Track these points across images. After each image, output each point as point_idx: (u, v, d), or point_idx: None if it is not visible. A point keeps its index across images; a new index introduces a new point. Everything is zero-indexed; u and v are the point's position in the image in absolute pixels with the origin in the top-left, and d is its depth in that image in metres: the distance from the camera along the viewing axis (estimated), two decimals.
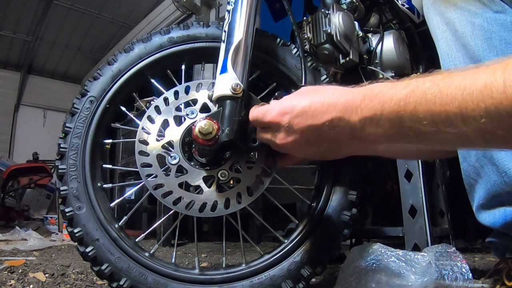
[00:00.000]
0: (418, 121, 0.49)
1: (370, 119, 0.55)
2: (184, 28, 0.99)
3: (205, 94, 0.88)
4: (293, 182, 0.99)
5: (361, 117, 0.56)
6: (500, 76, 0.43)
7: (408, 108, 0.50)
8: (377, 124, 0.54)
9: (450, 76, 0.48)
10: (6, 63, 7.48)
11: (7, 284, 1.09)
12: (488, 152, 0.68)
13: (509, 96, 0.42)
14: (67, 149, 0.91)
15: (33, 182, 5.29)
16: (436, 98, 0.47)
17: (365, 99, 0.56)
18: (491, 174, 0.69)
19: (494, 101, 0.43)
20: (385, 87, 0.55)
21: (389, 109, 0.52)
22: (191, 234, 1.79)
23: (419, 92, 0.49)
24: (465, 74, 0.47)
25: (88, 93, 0.95)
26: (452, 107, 0.46)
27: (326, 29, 1.25)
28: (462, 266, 0.90)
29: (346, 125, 0.58)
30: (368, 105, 0.55)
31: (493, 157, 0.67)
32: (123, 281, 0.84)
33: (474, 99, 0.44)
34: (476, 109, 0.44)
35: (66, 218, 0.88)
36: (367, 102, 0.55)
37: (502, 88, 0.43)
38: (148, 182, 0.85)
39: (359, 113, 0.56)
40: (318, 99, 0.61)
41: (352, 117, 0.57)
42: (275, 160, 0.85)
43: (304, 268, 0.87)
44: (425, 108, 0.48)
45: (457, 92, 0.46)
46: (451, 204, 1.70)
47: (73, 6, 6.26)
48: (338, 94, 0.60)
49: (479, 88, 0.44)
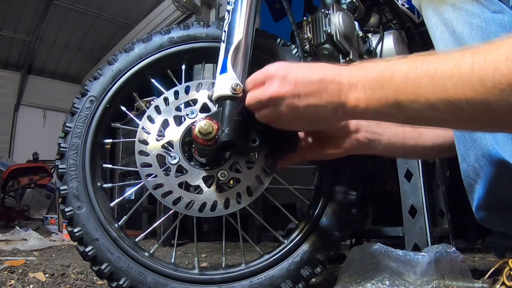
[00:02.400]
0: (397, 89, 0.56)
1: (356, 83, 0.61)
2: (184, 28, 0.99)
3: (205, 94, 0.89)
4: (293, 182, 0.99)
5: (349, 81, 0.62)
6: (469, 58, 0.48)
7: (388, 77, 0.57)
8: (363, 86, 0.60)
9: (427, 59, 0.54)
10: (6, 63, 7.48)
11: (7, 284, 1.09)
12: (487, 153, 0.68)
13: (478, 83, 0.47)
14: (67, 148, 0.91)
15: (33, 182, 5.28)
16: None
17: (353, 68, 0.64)
18: (490, 174, 0.69)
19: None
20: (373, 62, 0.63)
21: (371, 76, 0.59)
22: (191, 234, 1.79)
23: (399, 73, 0.56)
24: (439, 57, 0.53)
25: (88, 93, 0.95)
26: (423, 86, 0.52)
27: (326, 29, 1.25)
28: (462, 266, 0.90)
29: (335, 85, 0.63)
30: (356, 73, 0.62)
31: (492, 157, 0.67)
32: (122, 280, 0.84)
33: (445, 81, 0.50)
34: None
35: (66, 217, 0.88)
36: (355, 71, 0.63)
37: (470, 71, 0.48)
38: (148, 182, 0.85)
39: (348, 77, 0.62)
40: (311, 65, 0.69)
41: (342, 79, 0.63)
42: (275, 160, 0.85)
43: (303, 268, 0.87)
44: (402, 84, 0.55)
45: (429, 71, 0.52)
46: (451, 204, 1.70)
47: (73, 6, 6.26)
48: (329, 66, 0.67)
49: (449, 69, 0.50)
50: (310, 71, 0.67)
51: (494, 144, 0.67)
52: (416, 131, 0.87)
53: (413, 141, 0.87)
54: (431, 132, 0.87)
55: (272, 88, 0.68)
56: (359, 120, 0.84)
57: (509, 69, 0.45)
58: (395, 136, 0.86)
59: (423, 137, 0.87)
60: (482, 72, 0.47)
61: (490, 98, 0.46)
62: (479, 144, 0.69)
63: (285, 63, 0.71)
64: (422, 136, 0.87)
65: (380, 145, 0.86)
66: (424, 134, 0.87)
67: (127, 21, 6.57)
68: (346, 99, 0.62)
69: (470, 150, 0.72)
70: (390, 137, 0.86)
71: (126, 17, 6.57)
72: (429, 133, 0.87)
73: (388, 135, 0.86)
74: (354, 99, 0.61)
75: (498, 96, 0.46)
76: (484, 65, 0.47)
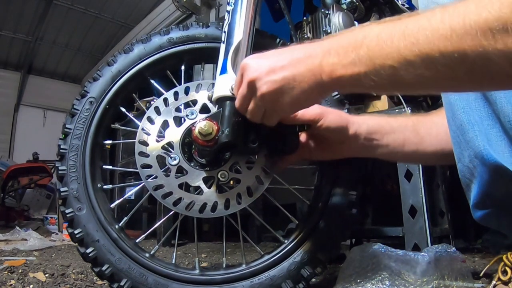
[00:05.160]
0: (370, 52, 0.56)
1: (328, 50, 0.62)
2: (183, 28, 0.99)
3: (204, 95, 0.89)
4: (293, 182, 0.99)
5: (321, 49, 0.63)
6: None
7: (360, 40, 0.57)
8: (336, 52, 0.60)
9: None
10: (6, 63, 7.48)
11: (7, 284, 1.09)
12: (479, 153, 0.68)
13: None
14: (67, 150, 0.91)
15: (33, 182, 5.29)
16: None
17: (324, 39, 0.65)
18: (483, 174, 0.70)
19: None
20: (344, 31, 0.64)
21: (343, 41, 0.60)
22: (191, 234, 1.79)
23: (372, 33, 0.57)
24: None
25: (88, 94, 0.95)
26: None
27: (326, 29, 1.25)
28: (462, 266, 0.90)
29: (308, 55, 0.64)
30: (328, 41, 0.64)
31: (484, 158, 0.68)
32: (123, 281, 0.84)
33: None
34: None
35: (67, 219, 0.88)
36: (326, 40, 0.64)
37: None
38: (148, 183, 0.85)
39: (319, 47, 0.64)
40: (282, 48, 0.70)
41: (314, 49, 0.64)
42: (274, 161, 0.86)
43: (304, 268, 0.87)
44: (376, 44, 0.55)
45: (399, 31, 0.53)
46: (451, 204, 1.70)
47: (73, 6, 6.26)
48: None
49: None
50: (282, 51, 0.68)
51: (486, 145, 0.67)
52: (418, 135, 0.86)
53: (413, 146, 0.86)
54: (433, 137, 0.86)
55: (249, 74, 0.69)
56: (358, 127, 0.84)
57: (479, 15, 0.45)
58: (394, 142, 0.86)
59: (424, 142, 0.86)
60: (453, 21, 0.47)
61: (463, 46, 0.46)
62: (471, 145, 0.69)
63: (256, 54, 0.72)
64: (424, 141, 0.86)
65: (378, 150, 0.86)
66: (425, 139, 0.86)
67: (127, 21, 6.57)
68: (321, 66, 0.62)
69: (464, 150, 0.72)
70: (389, 142, 0.86)
71: (126, 17, 6.57)
72: (431, 138, 0.86)
73: (387, 141, 0.86)
74: (329, 66, 0.61)
75: (470, 41, 0.46)
76: (454, 15, 0.48)
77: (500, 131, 0.67)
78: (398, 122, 0.88)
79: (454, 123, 0.74)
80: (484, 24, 0.45)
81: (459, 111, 0.72)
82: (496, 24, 0.44)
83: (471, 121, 0.70)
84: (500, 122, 0.66)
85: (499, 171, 0.66)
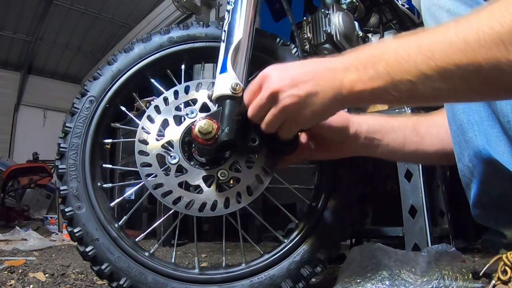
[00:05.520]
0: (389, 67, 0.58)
1: (349, 66, 0.64)
2: (184, 28, 0.99)
3: (204, 94, 0.89)
4: (293, 182, 0.99)
5: (342, 65, 0.65)
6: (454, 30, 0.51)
7: (378, 56, 0.59)
8: (356, 68, 0.62)
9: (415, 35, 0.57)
10: (6, 63, 7.48)
11: (7, 284, 1.09)
12: (479, 153, 0.69)
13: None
14: (67, 149, 0.91)
15: (33, 182, 5.29)
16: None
17: (345, 55, 0.67)
18: (483, 174, 0.70)
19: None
20: (363, 46, 0.66)
21: (363, 57, 0.62)
22: (191, 233, 1.79)
23: (389, 47, 0.59)
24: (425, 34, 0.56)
25: (88, 93, 0.95)
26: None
27: (326, 29, 1.25)
28: (462, 266, 0.90)
29: (330, 71, 0.65)
30: (348, 57, 0.66)
31: (483, 157, 0.68)
32: (123, 280, 0.84)
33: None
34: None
35: (66, 217, 0.88)
36: (347, 56, 0.66)
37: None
38: (148, 181, 0.85)
39: (340, 63, 0.66)
40: (303, 61, 0.72)
41: (335, 65, 0.66)
42: (275, 160, 0.86)
43: (304, 268, 0.87)
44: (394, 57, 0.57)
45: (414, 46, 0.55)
46: (451, 204, 1.70)
47: (73, 6, 6.27)
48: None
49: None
50: (303, 64, 0.69)
51: (486, 144, 0.68)
52: (418, 135, 0.86)
53: (413, 146, 0.86)
54: (434, 136, 0.86)
55: (270, 85, 0.68)
56: (358, 126, 0.85)
57: (492, 28, 0.47)
58: (394, 141, 0.86)
59: (425, 142, 0.86)
60: (467, 35, 0.49)
61: (478, 58, 0.48)
62: (471, 144, 0.70)
63: (277, 64, 0.72)
64: (424, 141, 0.86)
65: (378, 150, 0.86)
66: (426, 138, 0.86)
67: (127, 21, 6.57)
68: (341, 82, 0.63)
69: (464, 150, 0.72)
70: (389, 142, 0.86)
71: (126, 17, 6.57)
72: (432, 137, 0.86)
73: (387, 140, 0.86)
74: (349, 82, 0.62)
75: (484, 54, 0.47)
76: (468, 29, 0.49)
77: (499, 131, 0.67)
78: (398, 121, 0.88)
79: (454, 123, 0.74)
80: (496, 37, 0.46)
81: (459, 111, 0.72)
82: (508, 37, 0.46)
83: (471, 121, 0.70)
84: (500, 122, 0.67)
85: (498, 170, 0.67)
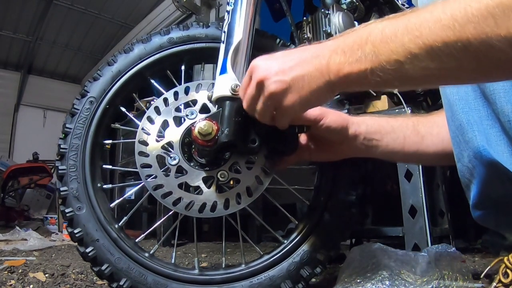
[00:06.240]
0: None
1: (335, 49, 0.63)
2: (183, 28, 0.99)
3: (204, 95, 0.89)
4: (293, 182, 0.99)
5: (328, 48, 0.64)
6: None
7: (365, 37, 0.58)
8: (343, 51, 0.61)
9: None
10: (6, 63, 7.48)
11: (7, 284, 1.09)
12: (478, 154, 0.68)
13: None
14: (67, 149, 0.91)
15: (33, 182, 5.29)
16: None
17: (330, 39, 0.67)
18: (483, 174, 0.70)
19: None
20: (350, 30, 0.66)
21: (349, 40, 0.61)
22: (191, 234, 1.79)
23: (376, 29, 0.58)
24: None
25: (88, 94, 0.95)
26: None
27: (326, 29, 1.25)
28: (462, 266, 0.90)
29: (316, 55, 0.65)
30: (334, 41, 0.65)
31: (483, 158, 0.68)
32: (123, 281, 0.84)
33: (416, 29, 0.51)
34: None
35: (66, 218, 0.88)
36: (332, 40, 0.66)
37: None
38: (148, 182, 0.85)
39: (326, 47, 0.65)
40: (290, 50, 0.72)
41: (321, 49, 0.65)
42: (275, 161, 0.86)
43: (303, 269, 0.88)
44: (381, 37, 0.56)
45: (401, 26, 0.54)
46: (451, 204, 1.70)
47: (73, 6, 6.27)
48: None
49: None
50: (291, 52, 0.70)
51: (486, 145, 0.67)
52: (419, 134, 0.86)
53: (414, 146, 0.86)
54: (434, 137, 0.85)
55: (257, 75, 0.69)
56: (358, 127, 0.84)
57: (480, 2, 0.45)
58: (394, 142, 0.85)
59: (425, 142, 0.85)
60: (454, 11, 0.48)
61: (466, 34, 0.46)
62: (471, 145, 0.69)
63: (264, 55, 0.72)
64: (425, 140, 0.85)
65: (378, 150, 0.86)
66: (426, 139, 0.85)
67: (127, 21, 6.57)
68: (328, 65, 0.63)
69: (463, 151, 0.72)
70: (389, 143, 0.85)
71: (126, 17, 6.57)
72: (432, 138, 0.85)
73: (386, 141, 0.85)
74: (336, 65, 0.61)
75: (473, 29, 0.46)
76: (455, 5, 0.48)
77: (499, 131, 0.67)
78: (398, 122, 0.88)
79: (454, 123, 0.74)
80: (485, 11, 0.45)
81: (459, 111, 0.72)
82: (497, 10, 0.44)
83: (470, 121, 0.70)
84: (500, 122, 0.66)
85: (498, 171, 0.66)
